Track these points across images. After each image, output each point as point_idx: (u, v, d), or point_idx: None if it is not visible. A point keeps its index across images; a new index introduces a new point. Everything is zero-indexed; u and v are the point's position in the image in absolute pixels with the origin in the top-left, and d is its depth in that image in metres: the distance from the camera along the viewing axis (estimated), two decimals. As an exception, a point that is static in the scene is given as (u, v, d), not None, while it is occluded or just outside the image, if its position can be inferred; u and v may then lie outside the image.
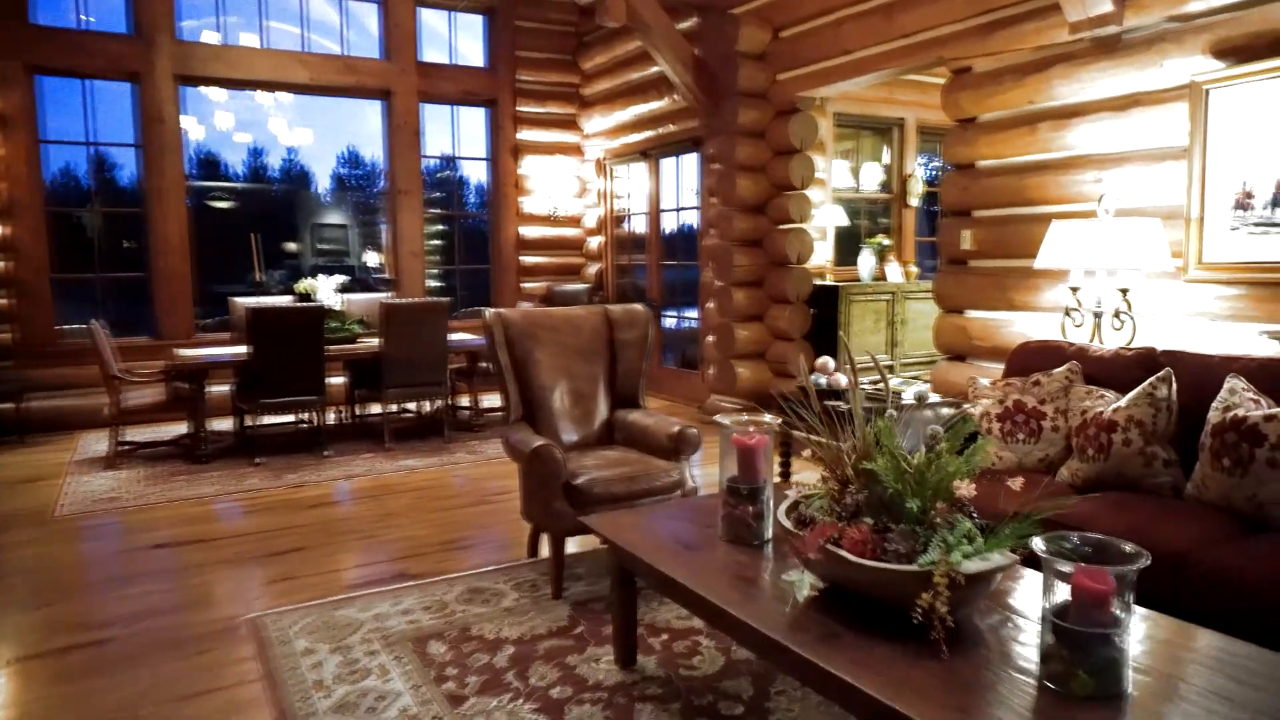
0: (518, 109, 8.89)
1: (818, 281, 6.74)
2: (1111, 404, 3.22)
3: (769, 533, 2.66)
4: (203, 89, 9.91)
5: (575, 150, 9.29)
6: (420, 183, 8.48)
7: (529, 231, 9.10)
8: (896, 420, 2.47)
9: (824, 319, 6.70)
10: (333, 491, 5.25)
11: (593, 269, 9.27)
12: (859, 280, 6.94)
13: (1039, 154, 4.74)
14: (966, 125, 5.17)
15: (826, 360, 4.42)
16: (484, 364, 7.00)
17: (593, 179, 9.21)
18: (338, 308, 6.69)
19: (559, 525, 3.46)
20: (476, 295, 9.42)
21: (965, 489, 2.10)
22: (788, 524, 2.29)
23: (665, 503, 3.49)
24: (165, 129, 7.36)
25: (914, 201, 7.57)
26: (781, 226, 6.64)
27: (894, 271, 7.04)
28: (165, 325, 7.53)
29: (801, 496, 2.43)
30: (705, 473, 5.06)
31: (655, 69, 7.82)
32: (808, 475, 2.59)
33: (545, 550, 3.94)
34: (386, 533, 4.44)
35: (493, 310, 3.93)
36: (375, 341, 6.61)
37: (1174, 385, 3.09)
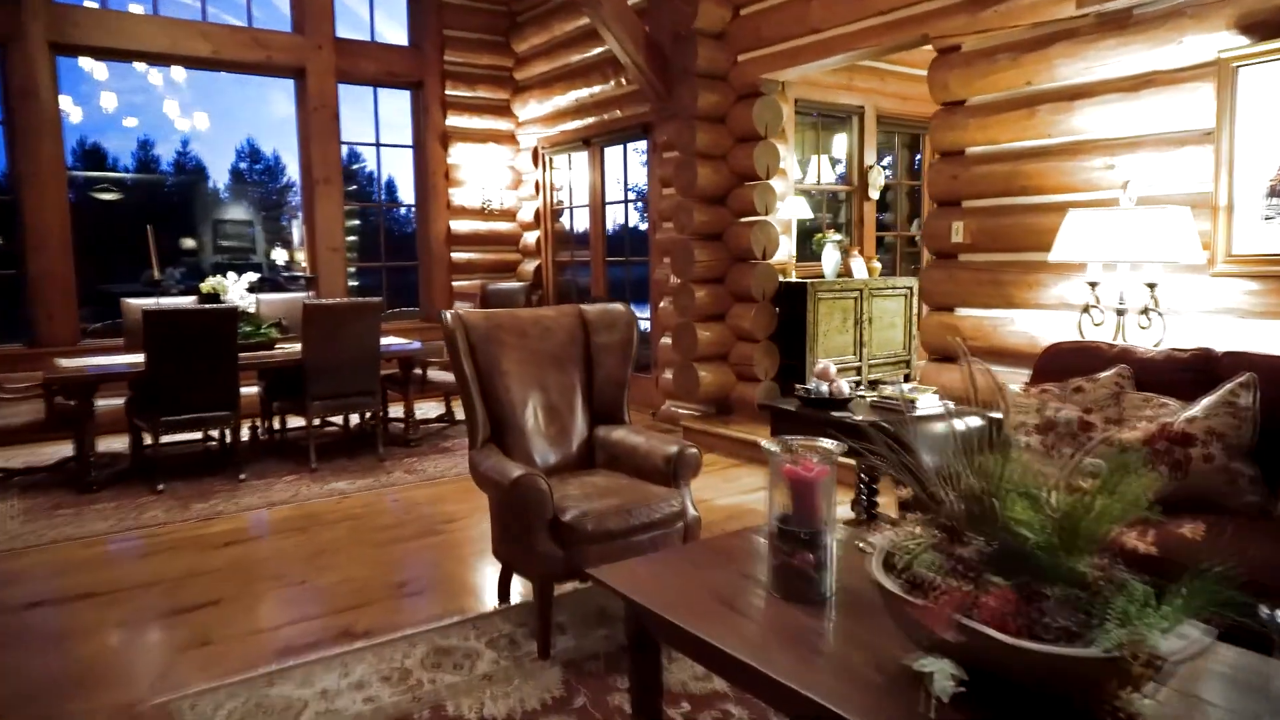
0: (446, 93, 8.19)
1: (782, 278, 6.30)
2: (1180, 414, 2.84)
3: (832, 586, 2.15)
4: (84, 62, 8.88)
5: (509, 139, 8.64)
6: (339, 171, 7.70)
7: (460, 226, 8.40)
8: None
9: (790, 318, 6.26)
10: (251, 524, 4.51)
11: (530, 266, 8.64)
12: (823, 277, 6.53)
13: (1038, 139, 4.39)
14: (954, 109, 4.79)
15: (827, 365, 3.96)
16: (418, 370, 6.32)
17: (528, 169, 8.58)
18: (250, 309, 5.90)
19: (546, 570, 2.88)
20: (403, 295, 8.68)
21: (1137, 540, 1.63)
22: (892, 586, 1.78)
23: (687, 546, 2.96)
24: (39, 105, 6.40)
25: (874, 194, 7.23)
26: (744, 219, 6.18)
27: (859, 267, 6.67)
28: (44, 331, 6.56)
29: (894, 546, 1.92)
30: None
31: (599, 50, 7.27)
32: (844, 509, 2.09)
33: (518, 593, 3.36)
34: (321, 575, 3.76)
35: (452, 311, 3.31)
36: (296, 347, 5.86)
37: (1257, 392, 2.72)
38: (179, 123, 10.23)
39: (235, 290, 5.90)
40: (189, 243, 14.80)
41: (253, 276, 5.99)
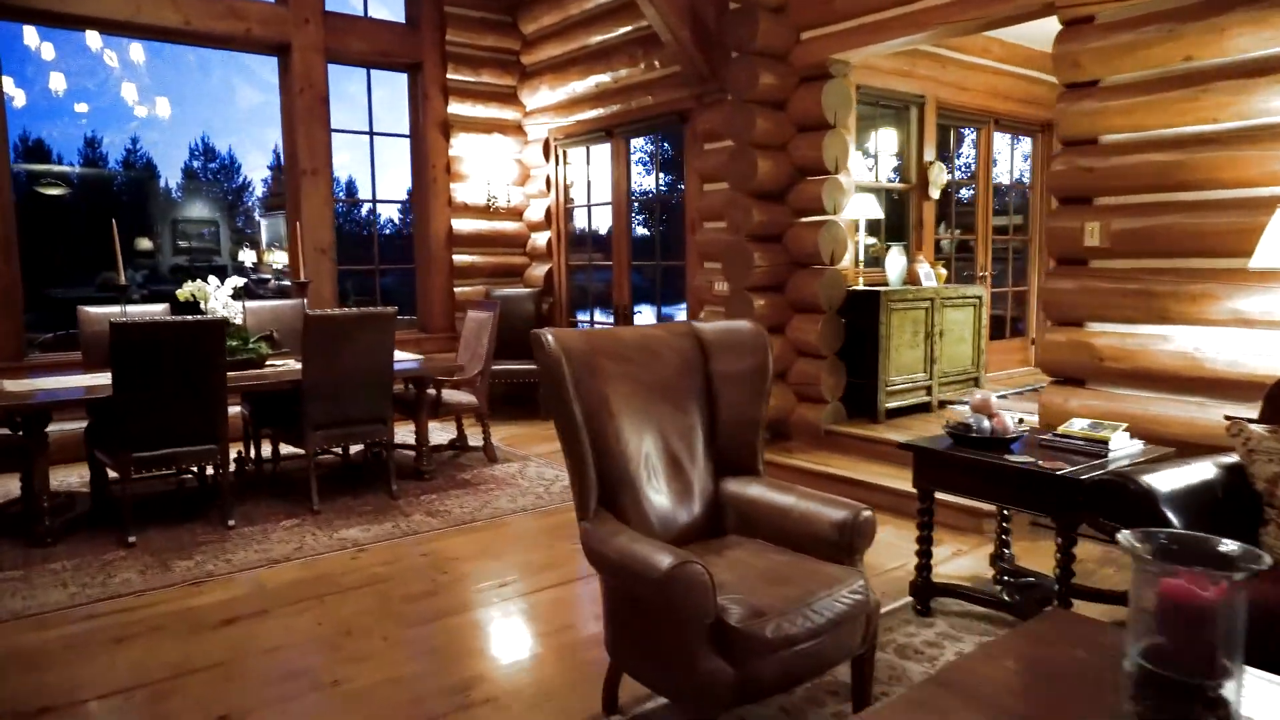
0: (448, 77, 7.31)
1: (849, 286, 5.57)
2: None
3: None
4: (29, 37, 7.85)
5: (515, 129, 7.79)
6: (329, 162, 6.79)
7: (463, 225, 7.53)
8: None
9: (856, 331, 5.53)
10: (251, 590, 3.62)
11: (539, 270, 7.79)
12: (887, 284, 5.82)
13: (1204, 124, 3.70)
14: (1084, 90, 4.09)
15: (986, 396, 3.20)
16: (431, 391, 5.45)
17: (538, 163, 7.74)
18: (236, 319, 4.99)
19: (710, 697, 2.07)
20: (395, 302, 7.75)
21: None
22: None
23: (940, 680, 2.15)
24: (-22, 78, 5.41)
25: (934, 193, 6.54)
26: (807, 219, 5.43)
27: (926, 274, 5.96)
28: (-19, 345, 5.55)
29: None
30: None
31: (625, 29, 6.48)
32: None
33: (626, 691, 2.54)
34: (355, 672, 2.90)
35: (549, 332, 2.48)
36: (290, 365, 4.97)
37: None
38: (137, 109, 9.19)
39: (218, 297, 4.98)
40: (145, 243, 13.66)
41: (238, 281, 5.07)
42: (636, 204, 7.01)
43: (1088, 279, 4.14)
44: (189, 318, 4.19)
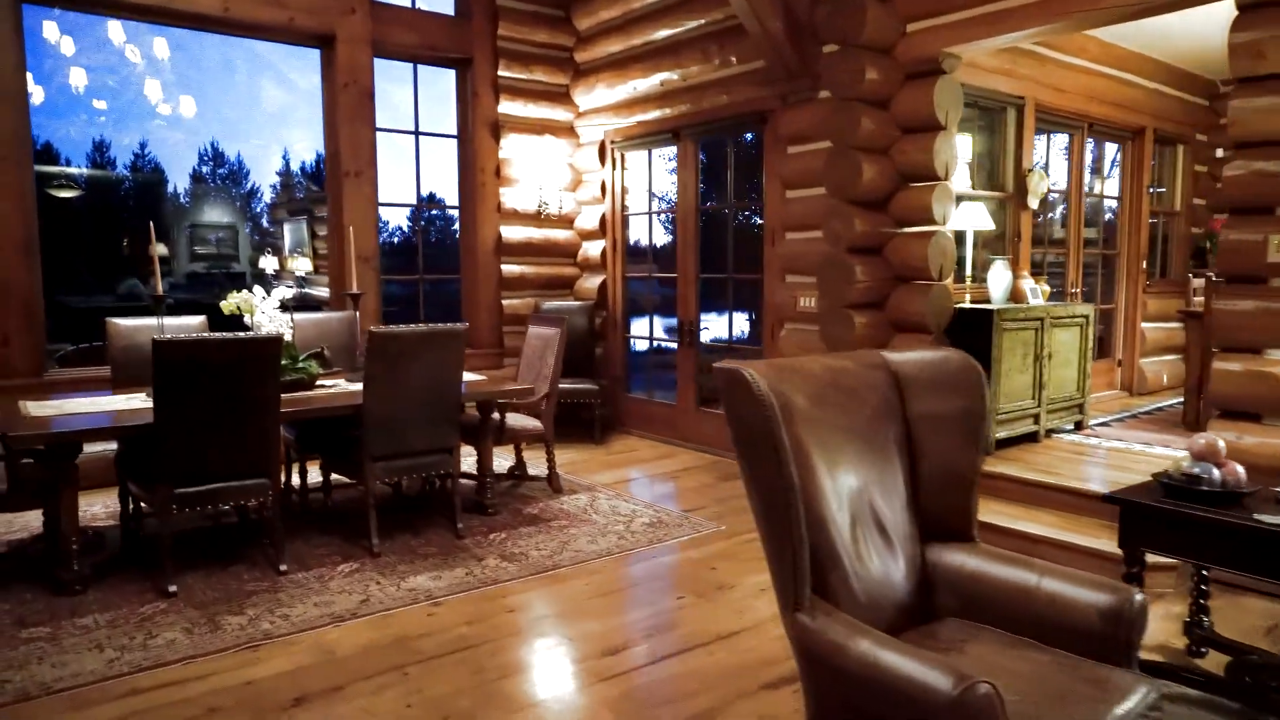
0: (499, 74, 6.82)
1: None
2: None
3: None
4: (49, 30, 7.38)
5: (567, 131, 7.29)
6: (374, 162, 6.28)
7: (512, 233, 7.02)
8: None
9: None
10: (318, 656, 3.09)
11: (592, 282, 7.27)
12: (989, 301, 5.30)
13: None
14: (1266, 84, 3.58)
15: (1212, 440, 2.67)
16: (496, 416, 4.92)
17: (591, 167, 7.23)
18: (285, 335, 4.47)
19: None
20: (439, 315, 7.24)
21: None
22: None
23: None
24: (-1, 65, 4.91)
25: (1033, 203, 6.02)
26: (911, 229, 4.92)
27: (1032, 290, 5.45)
28: (-3, 359, 5.03)
29: None
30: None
31: (696, 23, 6.00)
32: None
33: None
34: (468, 775, 2.36)
35: (751, 370, 1.95)
36: (343, 385, 4.45)
37: None
38: (161, 107, 8.71)
39: (264, 310, 4.46)
40: (160, 249, 13.10)
41: (285, 292, 4.55)
42: (705, 212, 6.49)
43: (1269, 299, 3.63)
44: (242, 335, 3.66)
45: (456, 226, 7.29)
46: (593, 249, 7.28)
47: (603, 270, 7.22)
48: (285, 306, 4.63)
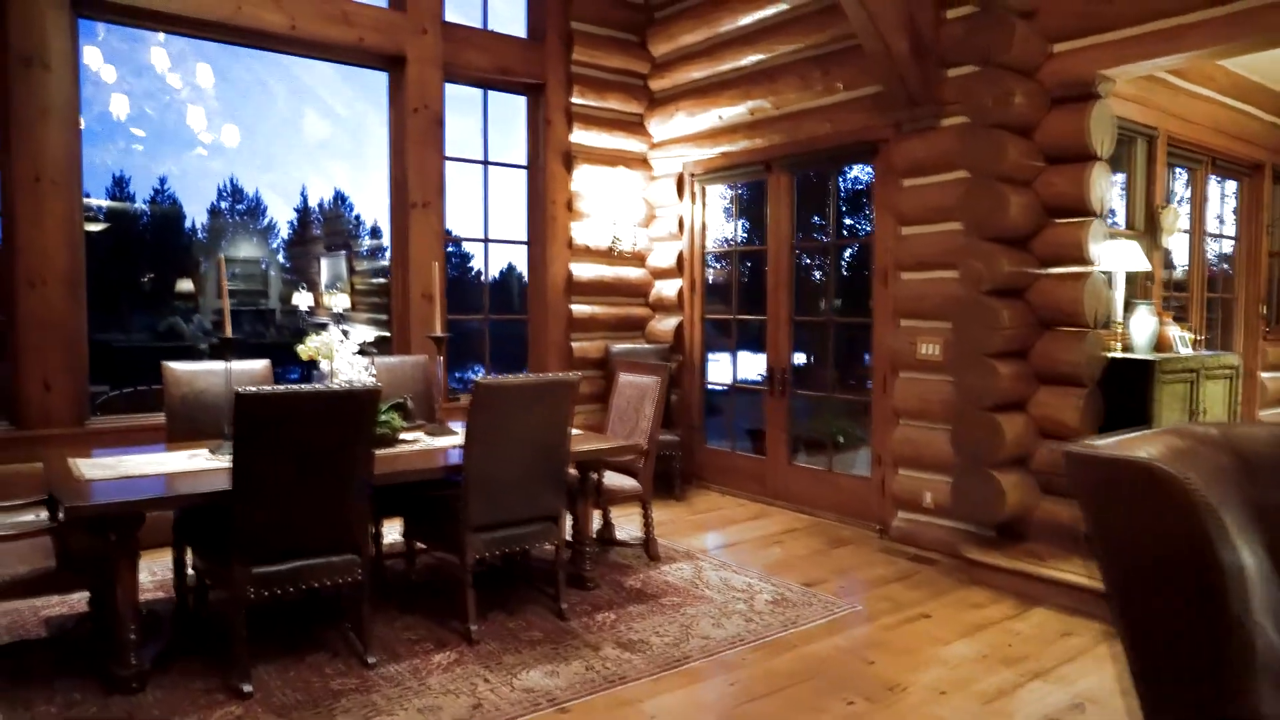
0: (573, 100, 6.37)
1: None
2: None
3: None
4: (89, 55, 7.01)
5: (640, 163, 6.83)
6: (441, 193, 5.80)
7: (582, 270, 6.52)
8: None
9: (1112, 408, 4.47)
10: (443, 789, 2.50)
11: (666, 324, 6.76)
12: (1132, 350, 4.77)
13: None
14: None
15: None
16: (594, 475, 4.37)
17: (666, 202, 6.76)
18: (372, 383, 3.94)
19: None
20: (503, 359, 6.74)
21: None
22: None
23: None
24: (48, 80, 4.45)
25: (1167, 241, 5.52)
26: (1057, 270, 4.40)
27: (1180, 338, 4.92)
28: (37, 405, 4.51)
29: None
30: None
31: (792, 48, 5.56)
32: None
33: None
34: None
35: (1167, 466, 1.40)
36: (427, 442, 3.92)
37: None
38: (203, 134, 8.29)
39: (342, 354, 3.94)
40: (185, 284, 12.66)
41: (367, 335, 4.03)
42: (800, 249, 5.99)
43: None
44: (337, 387, 3.13)
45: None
46: (667, 288, 6.78)
47: (678, 311, 6.71)
48: (364, 351, 4.11)
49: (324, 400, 3.06)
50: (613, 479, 4.64)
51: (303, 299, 10.72)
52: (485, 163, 6.20)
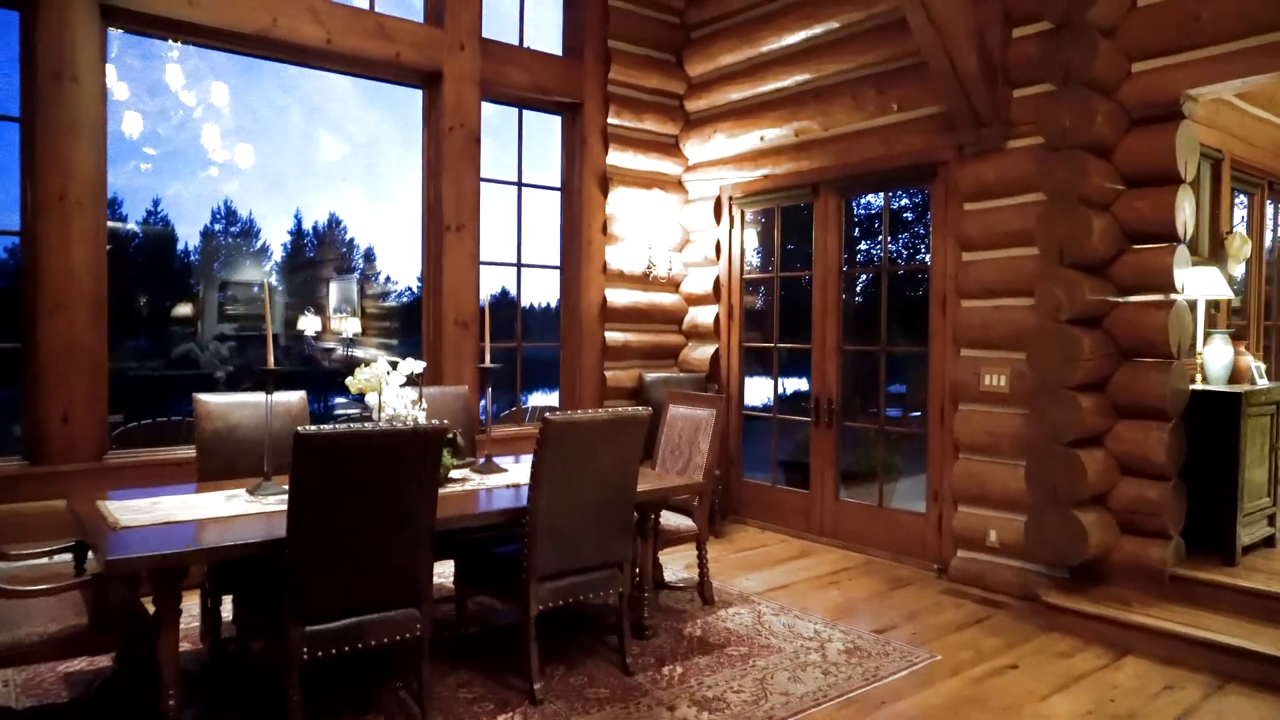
0: (610, 121, 6.16)
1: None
2: None
3: None
4: (111, 56, 6.83)
5: (675, 185, 6.62)
6: (477, 215, 5.57)
7: (617, 296, 6.28)
8: None
9: (1195, 443, 4.24)
10: None
11: (702, 353, 6.52)
12: (1209, 381, 4.56)
13: None
14: None
15: None
16: (654, 516, 4.09)
17: (702, 226, 6.54)
18: (420, 418, 3.68)
19: None
20: (532, 388, 6.47)
21: None
22: None
23: None
24: (78, 94, 4.20)
25: (1236, 269, 5.33)
26: (1139, 298, 4.19)
27: (1258, 369, 4.70)
28: (56, 438, 4.21)
29: None
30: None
31: (843, 67, 5.38)
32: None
33: None
34: None
35: None
36: (478, 481, 3.66)
37: None
38: (215, 153, 8.06)
39: (392, 387, 3.67)
40: (183, 309, 12.33)
41: (415, 366, 3.76)
42: (849, 276, 5.77)
43: None
44: (403, 426, 2.87)
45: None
46: (702, 315, 6.54)
47: (714, 339, 6.47)
48: (413, 381, 3.85)
49: (390, 441, 2.79)
50: (668, 519, 4.38)
51: (309, 323, 10.43)
52: (519, 184, 5.97)
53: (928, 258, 5.23)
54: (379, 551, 2.86)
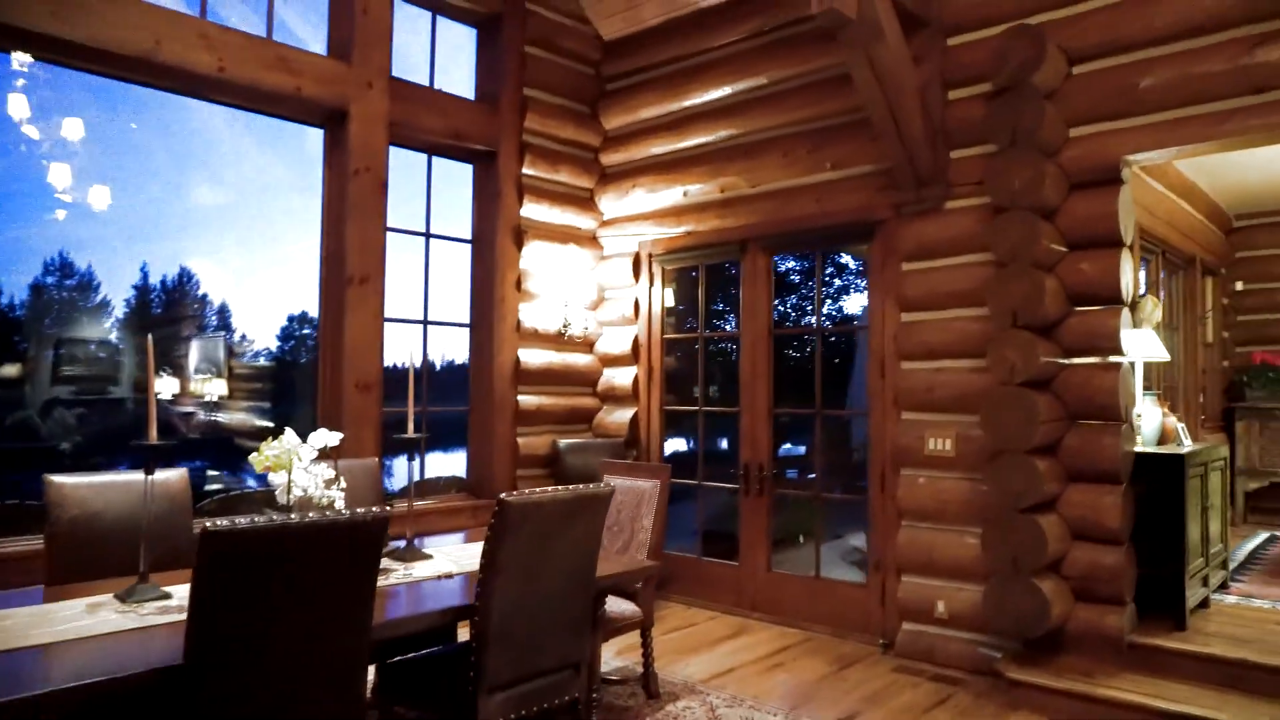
0: (525, 171, 5.81)
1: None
2: None
3: None
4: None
5: (590, 240, 6.31)
6: (382, 267, 5.04)
7: (531, 357, 5.85)
8: None
9: (1141, 505, 4.21)
10: None
11: (619, 416, 6.14)
12: (1143, 442, 4.58)
13: None
14: None
15: None
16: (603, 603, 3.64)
17: (621, 283, 6.23)
18: (338, 500, 3.12)
19: None
20: (428, 447, 5.91)
21: None
22: None
23: None
24: (-96, 113, 3.47)
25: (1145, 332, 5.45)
26: (1088, 360, 4.15)
27: (1183, 429, 4.77)
28: None
29: None
30: None
31: (773, 124, 5.26)
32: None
33: None
34: None
35: None
36: (399, 570, 3.15)
37: None
38: (63, 195, 7.15)
39: (305, 459, 3.11)
40: (9, 369, 10.87)
41: (329, 438, 3.21)
42: (780, 337, 5.57)
43: None
44: (338, 517, 2.34)
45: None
46: (619, 377, 6.19)
47: (633, 402, 6.12)
48: (325, 455, 3.29)
49: (324, 535, 2.27)
50: (610, 604, 3.93)
51: (166, 385, 9.36)
52: (428, 235, 5.49)
53: (865, 318, 5.10)
54: (306, 672, 2.30)
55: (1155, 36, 3.92)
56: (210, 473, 7.77)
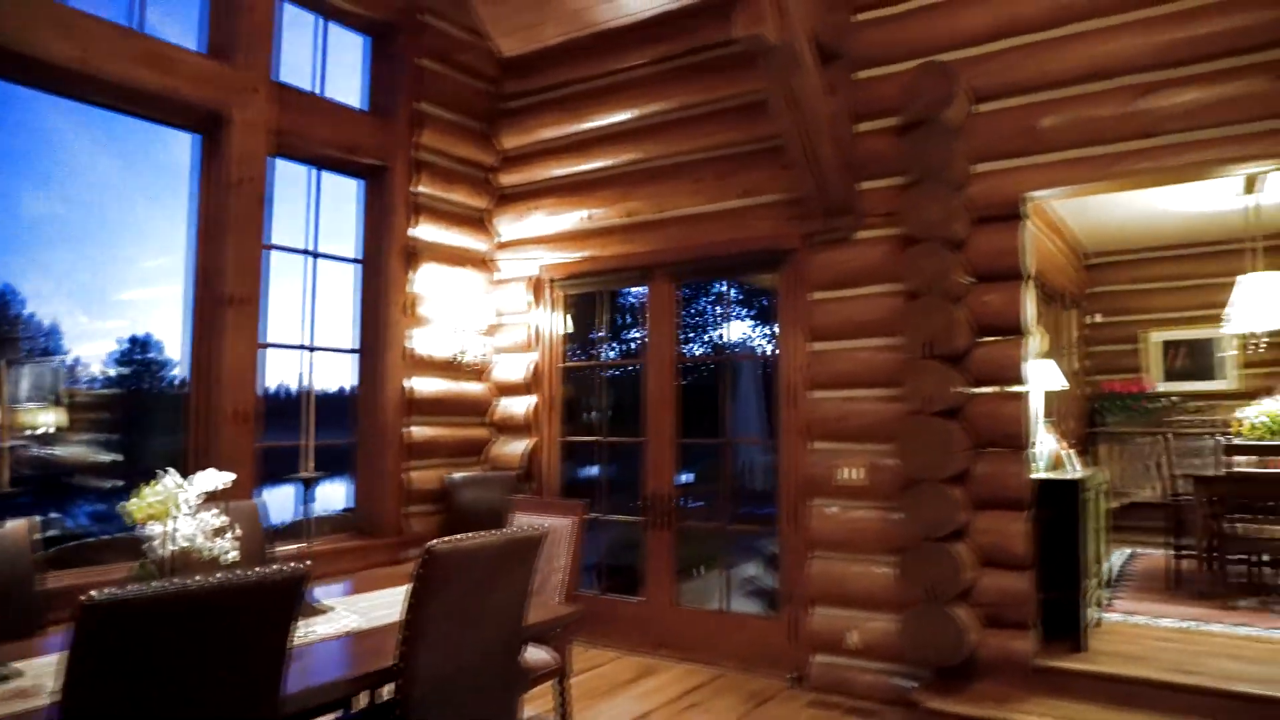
0: (418, 189, 5.50)
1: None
2: None
3: None
4: None
5: (483, 263, 6.04)
6: (259, 288, 4.61)
7: (422, 385, 5.50)
8: None
9: (1041, 530, 4.34)
10: None
11: (513, 447, 5.87)
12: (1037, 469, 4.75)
13: None
14: None
15: None
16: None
17: (516, 309, 5.98)
18: (230, 553, 2.74)
19: None
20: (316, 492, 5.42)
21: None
22: None
23: None
24: None
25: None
26: (993, 389, 4.26)
27: (1068, 456, 4.98)
28: None
29: None
30: None
31: (678, 149, 5.22)
32: None
33: None
34: None
35: None
36: (316, 627, 2.81)
37: None
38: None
39: (186, 508, 2.71)
40: None
41: (221, 479, 2.83)
42: (686, 366, 5.47)
43: None
44: (246, 575, 2.01)
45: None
46: (515, 406, 5.92)
47: (528, 433, 5.85)
48: (214, 497, 2.89)
49: (231, 598, 1.94)
50: (532, 654, 3.66)
51: (44, 419, 8.29)
52: (315, 254, 5.08)
53: (773, 346, 5.08)
54: (205, 758, 1.95)
55: (1054, 79, 4.10)
56: (53, 514, 6.90)
